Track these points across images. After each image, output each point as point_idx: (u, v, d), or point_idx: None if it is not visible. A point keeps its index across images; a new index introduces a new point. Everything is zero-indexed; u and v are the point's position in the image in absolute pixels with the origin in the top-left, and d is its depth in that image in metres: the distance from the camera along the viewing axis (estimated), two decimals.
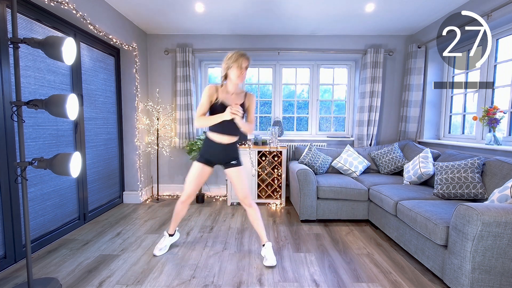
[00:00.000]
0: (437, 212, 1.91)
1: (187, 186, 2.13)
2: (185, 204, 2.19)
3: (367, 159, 3.50)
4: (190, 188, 2.13)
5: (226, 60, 1.97)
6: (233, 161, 2.13)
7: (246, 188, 2.13)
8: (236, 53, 1.95)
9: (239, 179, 2.12)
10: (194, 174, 2.11)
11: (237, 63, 1.92)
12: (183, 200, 2.16)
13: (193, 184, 2.12)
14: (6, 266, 1.96)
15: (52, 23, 2.36)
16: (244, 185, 2.13)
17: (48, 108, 1.62)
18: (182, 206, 2.20)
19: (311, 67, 4.04)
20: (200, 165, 2.10)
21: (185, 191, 2.15)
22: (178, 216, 2.23)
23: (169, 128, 3.91)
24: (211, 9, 3.05)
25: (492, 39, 2.64)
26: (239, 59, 1.92)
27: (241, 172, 2.13)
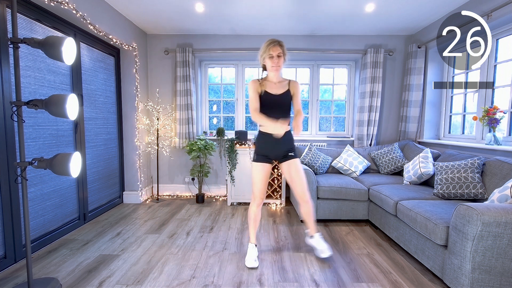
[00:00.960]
0: (437, 212, 1.91)
1: (255, 189, 2.06)
2: (259, 208, 2.11)
3: (367, 159, 3.50)
4: (259, 190, 2.05)
5: (260, 53, 1.99)
6: (290, 152, 2.05)
7: (305, 182, 2.06)
8: (265, 42, 1.95)
9: (298, 172, 2.03)
10: (257, 176, 2.05)
11: (267, 53, 1.93)
12: (257, 204, 2.08)
13: (261, 185, 2.05)
14: (6, 266, 1.96)
15: (52, 23, 2.36)
16: (303, 178, 2.05)
17: (48, 108, 1.62)
18: (257, 211, 2.11)
19: (311, 67, 4.04)
20: (260, 165, 2.04)
21: (255, 195, 2.07)
22: (256, 222, 2.13)
23: (169, 128, 3.91)
24: (211, 9, 3.05)
25: (492, 39, 2.64)
26: (269, 48, 1.92)
27: (299, 164, 2.05)
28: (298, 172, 2.04)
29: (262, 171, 2.05)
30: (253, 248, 2.11)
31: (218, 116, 4.19)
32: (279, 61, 1.94)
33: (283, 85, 2.05)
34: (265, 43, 1.95)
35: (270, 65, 1.95)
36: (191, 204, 3.60)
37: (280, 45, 1.94)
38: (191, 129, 3.80)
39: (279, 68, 1.96)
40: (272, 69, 1.96)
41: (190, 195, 4.01)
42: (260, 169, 2.05)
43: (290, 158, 2.05)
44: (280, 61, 1.95)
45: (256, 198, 2.08)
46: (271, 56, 1.93)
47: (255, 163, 2.06)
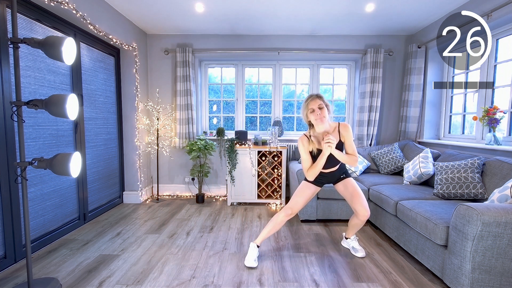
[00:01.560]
0: (437, 212, 1.91)
1: (294, 202, 2.11)
2: (286, 219, 2.12)
3: (367, 159, 3.50)
4: (297, 204, 2.11)
5: (301, 111, 2.03)
6: (342, 175, 2.16)
7: (364, 198, 2.06)
8: (305, 100, 1.98)
9: (353, 187, 2.08)
10: (304, 192, 2.13)
11: (308, 109, 1.95)
12: (289, 214, 2.08)
13: (301, 201, 2.12)
14: (6, 266, 1.96)
15: (52, 23, 2.36)
16: (362, 194, 2.06)
17: (48, 108, 1.62)
18: (284, 221, 2.12)
19: (311, 67, 4.04)
20: (312, 186, 2.14)
21: (291, 206, 2.10)
22: (275, 228, 2.13)
23: (169, 128, 3.91)
24: (211, 9, 3.05)
25: (492, 39, 2.64)
26: (308, 104, 1.95)
27: (351, 182, 2.12)
28: (355, 189, 2.08)
29: (310, 190, 2.14)
30: (255, 248, 2.12)
31: (218, 116, 4.19)
32: (322, 112, 1.92)
33: (334, 134, 2.03)
34: (304, 100, 1.98)
35: (314, 118, 1.93)
36: (191, 204, 3.60)
37: (318, 97, 1.95)
38: (191, 129, 3.80)
39: (324, 118, 1.92)
40: (316, 122, 1.93)
41: (190, 195, 4.01)
42: (310, 187, 2.14)
43: (343, 179, 2.15)
44: (323, 112, 1.92)
45: (291, 209, 2.10)
46: (312, 110, 1.93)
47: (307, 182, 2.16)
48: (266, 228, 2.14)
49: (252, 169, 3.51)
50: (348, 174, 2.18)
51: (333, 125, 2.05)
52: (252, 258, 2.06)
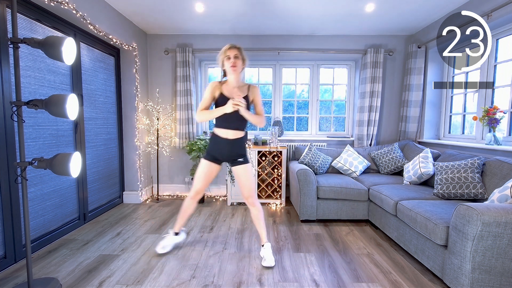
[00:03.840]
0: (437, 212, 1.91)
1: (195, 182, 2.17)
2: (193, 201, 2.21)
3: (367, 159, 3.50)
4: (198, 185, 2.15)
5: (218, 56, 2.03)
6: (240, 158, 2.10)
7: (252, 187, 2.12)
8: (224, 46, 1.99)
9: (245, 177, 2.10)
10: (201, 171, 2.13)
11: (225, 55, 1.98)
12: (191, 196, 2.19)
13: (201, 181, 2.14)
14: (6, 266, 1.96)
15: (52, 23, 2.36)
16: (250, 183, 2.11)
17: (48, 108, 1.62)
18: (191, 202, 2.21)
19: (311, 67, 4.04)
20: (207, 163, 2.12)
21: (194, 187, 2.18)
22: (185, 213, 2.24)
23: (169, 128, 3.91)
24: (211, 9, 3.05)
25: (492, 39, 2.64)
26: (226, 51, 1.97)
27: (247, 170, 2.11)
28: (244, 176, 2.10)
29: (206, 168, 2.12)
30: (171, 236, 2.26)
31: None
32: (236, 61, 1.96)
33: (242, 90, 2.07)
34: (224, 47, 2.01)
35: (228, 65, 1.97)
36: None
37: (237, 48, 1.99)
38: (191, 129, 3.80)
39: (236, 69, 1.97)
40: (230, 69, 1.97)
41: None
42: (206, 166, 2.12)
43: (239, 163, 2.10)
44: (237, 62, 1.97)
45: (192, 191, 2.18)
46: (228, 57, 1.96)
47: (203, 160, 2.14)
48: (179, 214, 2.25)
49: (252, 169, 3.51)
50: (247, 160, 2.12)
51: (245, 84, 2.10)
52: (162, 244, 2.20)
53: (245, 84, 2.12)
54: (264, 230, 2.16)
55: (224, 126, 2.05)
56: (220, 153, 2.10)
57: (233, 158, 2.10)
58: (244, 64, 2.04)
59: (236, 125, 2.04)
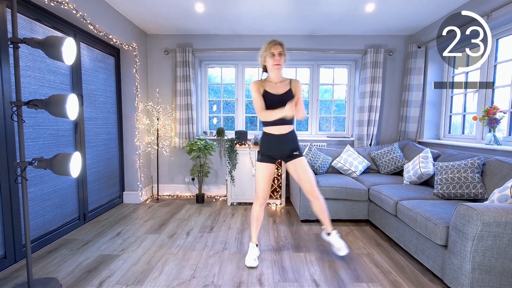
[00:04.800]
0: (437, 212, 1.91)
1: (258, 189, 2.08)
2: (262, 208, 2.12)
3: (367, 159, 3.50)
4: (262, 190, 2.08)
5: (260, 54, 2.02)
6: (295, 151, 2.06)
7: (313, 179, 2.07)
8: (266, 43, 1.98)
9: (304, 169, 2.04)
10: (262, 175, 2.07)
11: (268, 52, 1.95)
12: (260, 203, 2.09)
13: (264, 185, 2.07)
14: (6, 266, 1.97)
15: (52, 23, 2.36)
16: (311, 176, 2.06)
17: (48, 108, 1.62)
18: (260, 210, 2.11)
19: (311, 67, 4.04)
20: (265, 165, 2.06)
21: (258, 194, 2.09)
22: (258, 221, 2.13)
23: (169, 128, 3.91)
24: (211, 9, 3.05)
25: (492, 39, 2.64)
26: (269, 46, 1.95)
27: (305, 163, 2.07)
28: (303, 169, 2.05)
29: (266, 171, 2.06)
30: (254, 247, 2.12)
31: (218, 116, 4.19)
32: (281, 59, 1.95)
33: (284, 84, 2.05)
34: (266, 43, 1.98)
35: (272, 63, 1.96)
36: (191, 204, 3.60)
37: (280, 44, 1.97)
38: (191, 129, 3.80)
39: (280, 66, 1.97)
40: (273, 67, 1.97)
41: (190, 195, 4.01)
42: (264, 169, 2.06)
43: (295, 157, 2.06)
44: (282, 60, 1.96)
45: (259, 198, 2.09)
46: (272, 54, 1.94)
47: (259, 163, 2.08)
48: (252, 225, 2.15)
49: (252, 169, 3.51)
50: (301, 152, 2.08)
51: (286, 79, 2.08)
52: (252, 257, 2.06)
53: (286, 78, 2.09)
54: (328, 219, 2.15)
55: (277, 123, 2.00)
56: (276, 150, 2.05)
57: (288, 154, 2.06)
58: (285, 60, 2.01)
59: (287, 119, 2.00)
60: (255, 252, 2.10)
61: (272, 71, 2.01)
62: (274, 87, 2.02)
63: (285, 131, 2.03)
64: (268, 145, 2.07)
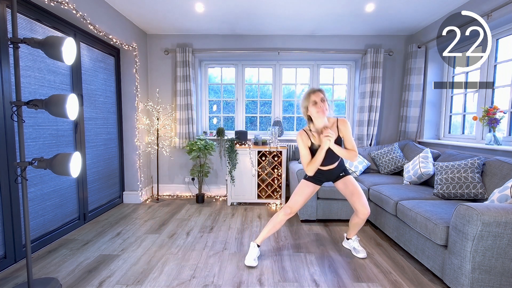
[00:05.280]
0: (437, 212, 1.91)
1: (294, 201, 2.10)
2: (286, 218, 2.12)
3: (367, 159, 3.50)
4: (297, 203, 2.10)
5: (301, 104, 2.01)
6: (341, 173, 2.14)
7: (364, 196, 2.07)
8: (305, 93, 1.98)
9: (353, 185, 2.07)
10: (303, 191, 2.12)
11: (309, 101, 1.93)
12: (287, 213, 2.09)
13: (301, 200, 2.11)
14: (6, 266, 1.97)
15: (52, 23, 2.36)
16: (361, 193, 2.05)
17: (48, 108, 1.62)
18: (284, 219, 2.11)
19: (311, 67, 4.04)
20: (310, 184, 2.13)
21: (291, 205, 2.09)
22: (274, 229, 2.14)
23: (169, 128, 3.91)
24: (211, 9, 3.05)
25: (492, 39, 2.64)
26: (309, 97, 1.93)
27: (351, 180, 2.10)
28: (355, 187, 2.08)
29: (309, 188, 2.13)
30: (255, 247, 2.12)
31: (218, 116, 4.19)
32: (324, 104, 1.92)
33: (332, 128, 2.02)
34: (305, 93, 1.97)
35: (315, 111, 1.91)
36: (191, 204, 3.60)
37: (320, 90, 1.95)
38: (191, 129, 3.80)
39: (326, 111, 1.92)
40: (318, 115, 1.92)
41: (190, 195, 4.01)
42: (309, 186, 2.13)
43: (342, 177, 2.13)
44: (325, 105, 1.92)
45: (290, 208, 2.10)
46: (314, 102, 1.92)
47: (307, 181, 2.14)
48: (266, 227, 2.14)
49: (252, 169, 3.51)
50: (347, 172, 2.16)
51: (331, 120, 2.05)
52: (252, 257, 2.06)
53: (332, 119, 2.05)
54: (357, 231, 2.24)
55: (325, 164, 2.07)
56: (325, 177, 2.15)
57: (336, 177, 2.15)
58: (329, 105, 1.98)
59: (334, 160, 2.08)
60: (255, 252, 2.10)
61: (317, 119, 1.96)
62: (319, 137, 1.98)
63: (332, 167, 2.11)
64: (317, 175, 2.13)
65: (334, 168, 2.12)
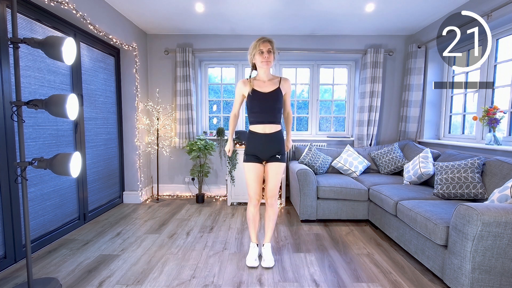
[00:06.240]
0: (437, 212, 1.91)
1: (250, 190, 2.05)
2: (257, 209, 2.09)
3: (367, 159, 3.50)
4: (254, 191, 2.03)
5: (249, 51, 1.98)
6: (278, 155, 2.01)
7: (278, 187, 2.05)
8: (255, 40, 1.94)
9: (276, 175, 2.02)
10: (250, 177, 2.02)
11: (257, 49, 1.91)
12: (254, 204, 2.06)
13: (254, 185, 2.02)
14: (6, 266, 1.96)
15: (52, 23, 2.36)
16: (277, 183, 2.03)
17: (48, 108, 1.62)
18: (255, 211, 2.09)
19: (311, 67, 4.04)
20: (251, 165, 2.01)
21: (250, 195, 2.06)
22: (255, 223, 2.12)
23: (169, 128, 3.91)
24: (211, 9, 3.05)
25: (492, 39, 2.64)
26: (258, 44, 1.91)
27: (280, 169, 2.03)
28: (276, 174, 2.02)
29: (253, 171, 2.02)
30: (255, 247, 2.12)
31: (218, 116, 4.19)
32: (269, 56, 1.91)
33: (273, 82, 2.01)
34: (255, 40, 1.94)
35: (260, 60, 1.91)
36: (191, 204, 3.60)
37: (269, 41, 1.93)
38: (191, 129, 3.80)
39: (270, 63, 1.92)
40: (262, 64, 1.92)
41: (190, 195, 4.01)
42: (251, 169, 2.02)
43: (276, 160, 2.02)
44: (270, 57, 1.92)
45: (252, 199, 2.07)
46: (261, 51, 1.90)
47: (246, 164, 2.04)
48: (249, 226, 2.15)
49: None
50: (283, 159, 2.04)
51: (276, 77, 2.04)
52: (252, 257, 2.06)
53: (276, 77, 2.04)
54: (272, 231, 2.13)
55: (259, 121, 1.97)
56: (260, 150, 2.00)
57: (271, 155, 2.01)
58: (275, 58, 1.97)
59: (271, 117, 1.97)
60: (255, 252, 2.10)
61: (261, 68, 1.96)
62: (262, 85, 1.99)
63: (270, 130, 1.98)
64: (252, 145, 2.02)
65: (274, 135, 1.98)
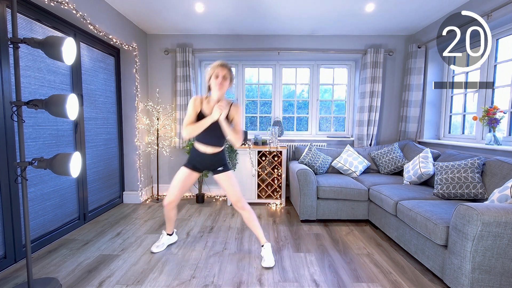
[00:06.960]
0: (437, 212, 1.91)
1: (171, 189, 2.11)
2: (170, 207, 2.18)
3: (367, 159, 3.50)
4: (175, 193, 2.11)
5: (207, 71, 2.00)
6: (219, 167, 2.11)
7: (238, 192, 2.10)
8: (215, 63, 1.97)
9: (228, 183, 2.10)
10: (180, 179, 2.09)
11: (214, 73, 1.94)
12: (166, 203, 2.15)
13: (178, 189, 2.10)
14: (6, 266, 1.96)
15: (52, 23, 2.36)
16: (235, 189, 2.10)
17: (48, 108, 1.62)
18: (168, 208, 2.19)
19: (311, 67, 4.04)
20: (188, 170, 2.11)
21: (169, 194, 2.12)
22: (169, 217, 2.26)
23: (169, 128, 3.91)
24: (211, 9, 3.05)
25: (492, 39, 2.64)
26: (216, 68, 1.94)
27: (230, 177, 2.11)
28: (228, 182, 2.10)
29: (184, 176, 2.10)
30: (164, 236, 2.33)
31: None
32: (224, 82, 1.94)
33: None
34: (215, 64, 1.97)
35: (214, 83, 1.94)
36: (191, 204, 3.60)
37: (227, 68, 1.96)
38: None
39: (222, 89, 1.94)
40: (215, 88, 1.94)
41: (190, 195, 4.01)
42: (184, 173, 2.10)
43: (220, 172, 2.10)
44: (224, 83, 1.94)
45: (168, 198, 2.13)
46: (216, 76, 1.93)
47: (184, 167, 2.12)
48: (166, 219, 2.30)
49: (252, 169, 3.51)
50: (226, 168, 2.13)
51: (228, 101, 2.05)
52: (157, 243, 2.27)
53: (229, 101, 2.07)
54: (260, 230, 2.15)
55: (204, 142, 2.05)
56: (201, 163, 2.10)
57: (213, 168, 2.12)
58: (231, 85, 2.01)
59: (214, 142, 2.05)
60: (162, 240, 2.29)
61: (215, 92, 1.97)
62: (211, 107, 1.99)
63: (209, 151, 2.06)
64: (194, 157, 2.11)
65: (214, 155, 2.07)
